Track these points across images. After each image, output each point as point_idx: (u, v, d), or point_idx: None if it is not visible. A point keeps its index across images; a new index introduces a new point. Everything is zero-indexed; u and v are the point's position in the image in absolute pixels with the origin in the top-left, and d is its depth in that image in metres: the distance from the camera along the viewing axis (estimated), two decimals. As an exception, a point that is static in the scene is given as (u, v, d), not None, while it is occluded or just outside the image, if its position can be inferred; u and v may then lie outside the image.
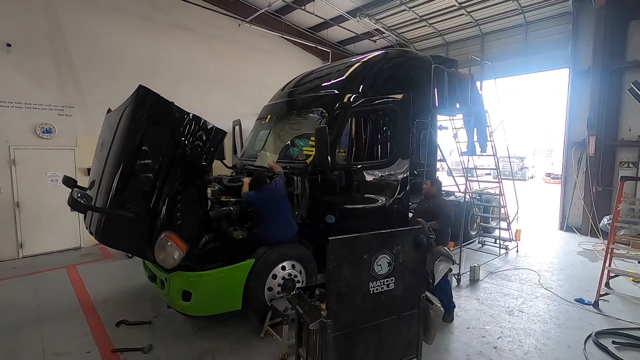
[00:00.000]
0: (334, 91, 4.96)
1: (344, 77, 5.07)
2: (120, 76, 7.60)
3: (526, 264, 6.52)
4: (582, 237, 8.35)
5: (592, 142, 8.18)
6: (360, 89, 4.88)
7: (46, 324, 4.28)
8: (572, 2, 8.38)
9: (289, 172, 4.56)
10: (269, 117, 5.83)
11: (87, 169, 6.35)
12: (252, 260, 3.89)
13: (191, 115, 3.65)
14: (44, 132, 6.92)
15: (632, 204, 7.35)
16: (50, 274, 5.97)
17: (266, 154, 5.37)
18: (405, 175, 4.97)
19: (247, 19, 9.36)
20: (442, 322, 3.04)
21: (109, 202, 3.32)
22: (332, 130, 4.50)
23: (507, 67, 9.79)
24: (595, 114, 8.12)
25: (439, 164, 6.88)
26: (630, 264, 5.83)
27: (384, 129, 5.10)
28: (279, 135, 5.51)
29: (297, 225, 4.33)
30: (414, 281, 2.85)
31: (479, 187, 8.56)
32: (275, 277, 4.03)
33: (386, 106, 4.98)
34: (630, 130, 7.92)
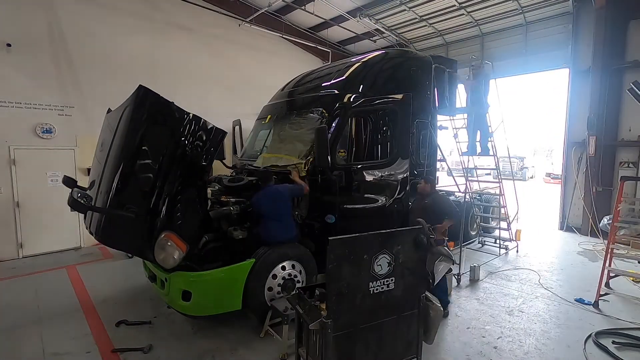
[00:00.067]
0: (334, 91, 4.96)
1: (344, 77, 5.07)
2: (120, 76, 7.60)
3: (526, 264, 6.52)
4: (582, 237, 8.35)
5: (592, 142, 8.18)
6: (360, 89, 4.88)
7: (46, 324, 4.28)
8: (572, 2, 8.38)
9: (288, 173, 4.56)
10: (269, 117, 5.83)
11: (87, 169, 6.35)
12: (252, 260, 3.90)
13: (191, 115, 3.65)
14: (44, 132, 6.92)
15: (632, 204, 7.35)
16: (50, 274, 5.98)
17: (285, 158, 4.96)
18: (405, 175, 4.97)
19: (247, 19, 9.36)
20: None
21: (109, 202, 3.32)
22: (332, 130, 4.50)
23: (507, 67, 9.80)
24: (595, 114, 8.12)
25: (439, 164, 6.87)
26: (630, 264, 5.83)
27: (384, 129, 5.10)
28: (279, 135, 5.51)
29: (297, 226, 4.34)
30: (414, 281, 2.85)
31: (479, 187, 8.57)
32: (275, 277, 4.04)
33: (386, 106, 4.98)
34: (630, 130, 7.92)
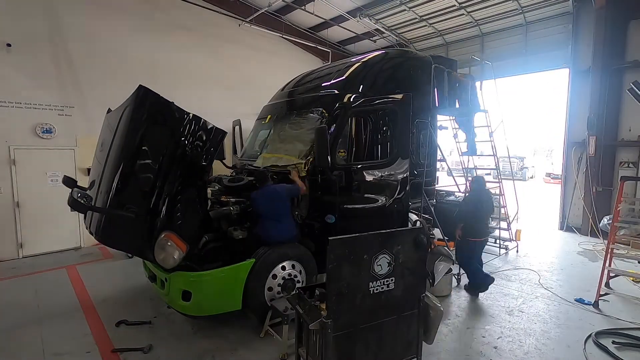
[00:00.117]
0: (334, 91, 4.96)
1: (344, 77, 5.06)
2: (120, 76, 7.61)
3: (526, 264, 6.52)
4: (582, 237, 8.35)
5: (592, 142, 8.18)
6: (360, 89, 4.87)
7: (46, 324, 4.28)
8: (572, 2, 8.38)
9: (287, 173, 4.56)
10: (269, 117, 5.83)
11: (87, 169, 6.35)
12: (252, 260, 3.90)
13: (191, 115, 3.65)
14: (44, 132, 6.92)
15: (632, 204, 7.35)
16: (50, 274, 5.98)
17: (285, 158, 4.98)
18: (405, 175, 4.97)
19: (247, 19, 9.36)
20: (440, 320, 3.03)
21: (109, 202, 3.32)
22: (332, 130, 4.50)
23: (507, 67, 9.79)
24: (595, 114, 8.12)
25: (439, 164, 6.88)
26: (630, 264, 5.84)
27: (384, 129, 5.10)
28: (279, 135, 5.51)
29: (296, 226, 4.34)
30: (414, 281, 2.85)
31: (479, 187, 8.56)
32: (275, 277, 4.03)
33: (386, 106, 4.98)
34: (630, 130, 7.93)
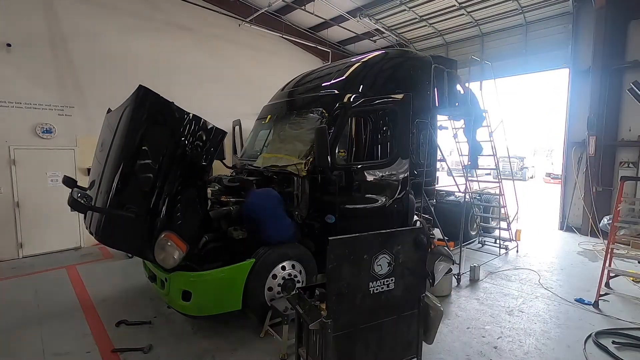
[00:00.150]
0: (334, 91, 4.96)
1: (344, 77, 5.06)
2: (120, 76, 7.60)
3: (526, 264, 6.52)
4: (582, 237, 8.35)
5: (592, 142, 8.18)
6: (360, 89, 4.87)
7: (46, 324, 4.28)
8: (572, 2, 8.38)
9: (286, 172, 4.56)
10: (269, 117, 5.83)
11: (87, 169, 6.35)
12: (252, 260, 3.89)
13: (191, 115, 3.65)
14: (44, 132, 6.92)
15: (632, 204, 7.35)
16: (50, 274, 5.98)
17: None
18: (405, 175, 4.97)
19: (247, 19, 9.36)
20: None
21: (109, 202, 3.32)
22: (332, 130, 4.50)
23: (507, 67, 9.80)
24: (595, 114, 8.12)
25: (439, 164, 6.88)
26: (630, 264, 5.84)
27: (384, 129, 5.09)
28: (279, 135, 5.51)
29: (295, 225, 4.33)
30: (414, 281, 2.85)
31: (479, 187, 8.57)
32: (275, 277, 4.03)
33: (386, 106, 4.98)
34: (630, 130, 7.92)
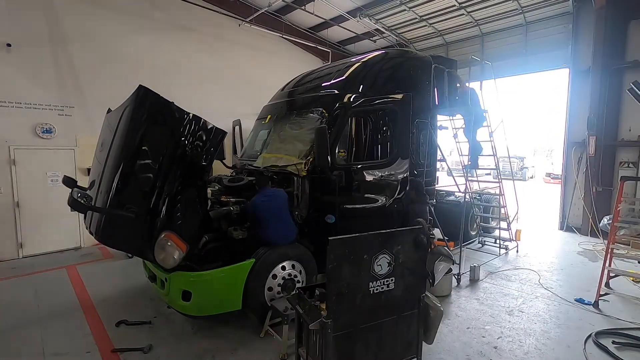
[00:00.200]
0: (334, 91, 4.96)
1: (344, 77, 5.06)
2: (120, 76, 7.60)
3: (526, 264, 6.52)
4: (582, 237, 8.35)
5: (592, 142, 8.18)
6: (360, 89, 4.87)
7: (46, 324, 4.28)
8: (572, 2, 8.38)
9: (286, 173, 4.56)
10: (269, 117, 5.83)
11: (87, 169, 6.35)
12: (252, 260, 3.90)
13: (191, 115, 3.65)
14: (44, 132, 6.92)
15: (632, 204, 7.35)
16: (50, 274, 5.97)
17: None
18: (405, 175, 4.97)
19: (247, 19, 9.36)
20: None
21: (109, 202, 3.32)
22: (332, 130, 4.50)
23: (507, 67, 9.80)
24: (595, 114, 8.12)
25: (439, 164, 6.87)
26: (630, 264, 5.84)
27: (384, 129, 5.10)
28: (279, 135, 5.51)
29: (295, 228, 4.33)
30: (414, 281, 2.85)
31: (479, 187, 8.57)
32: (275, 277, 4.03)
33: (386, 106, 4.98)
34: (630, 130, 7.92)
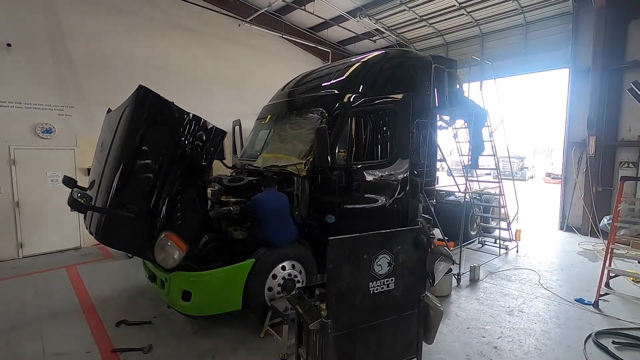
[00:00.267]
0: (334, 91, 4.96)
1: (344, 77, 5.06)
2: (120, 76, 7.61)
3: (526, 264, 6.52)
4: (582, 237, 8.34)
5: (592, 142, 8.18)
6: (360, 89, 4.87)
7: (46, 324, 4.28)
8: (572, 2, 8.37)
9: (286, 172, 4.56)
10: (269, 117, 5.83)
11: (87, 169, 6.36)
12: (252, 260, 3.90)
13: (191, 115, 3.65)
14: (44, 132, 6.92)
15: (632, 204, 7.35)
16: (50, 274, 5.97)
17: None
18: (405, 175, 4.97)
19: (247, 19, 9.36)
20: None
21: (109, 202, 3.32)
22: (332, 130, 4.50)
23: (507, 67, 9.79)
24: (595, 114, 8.12)
25: (439, 164, 6.88)
26: (630, 264, 5.84)
27: (384, 129, 5.10)
28: (279, 135, 5.51)
29: (295, 228, 4.33)
30: (414, 281, 2.85)
31: (479, 187, 8.57)
32: (275, 277, 4.03)
33: (386, 106, 4.98)
34: (630, 130, 7.92)
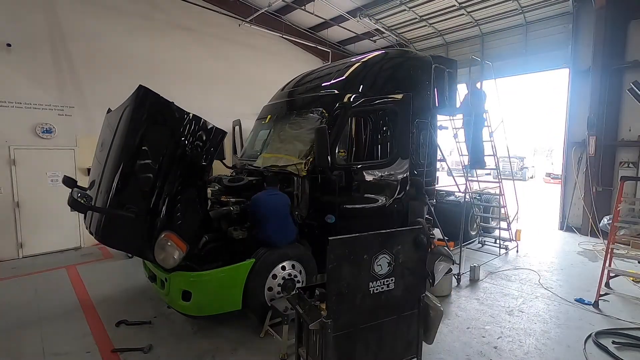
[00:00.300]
0: (334, 91, 4.96)
1: (344, 77, 5.06)
2: (120, 76, 7.60)
3: (526, 264, 6.52)
4: (582, 237, 8.35)
5: (592, 142, 8.18)
6: (360, 89, 4.87)
7: (46, 324, 4.28)
8: (572, 2, 8.37)
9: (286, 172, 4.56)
10: (269, 117, 5.83)
11: (87, 169, 6.36)
12: (252, 260, 3.90)
13: (191, 115, 3.65)
14: (44, 132, 6.92)
15: (632, 204, 7.35)
16: (50, 274, 5.97)
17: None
18: (405, 175, 4.97)
19: (247, 19, 9.36)
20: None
21: (109, 202, 3.32)
22: (332, 130, 4.50)
23: (507, 67, 9.79)
24: (595, 114, 8.12)
25: (439, 164, 6.88)
26: (630, 264, 5.84)
27: (384, 128, 5.09)
28: (279, 135, 5.51)
29: (295, 228, 4.33)
30: (414, 281, 2.85)
31: (479, 187, 8.57)
32: (275, 277, 4.03)
33: (386, 106, 4.97)
34: (630, 130, 7.92)
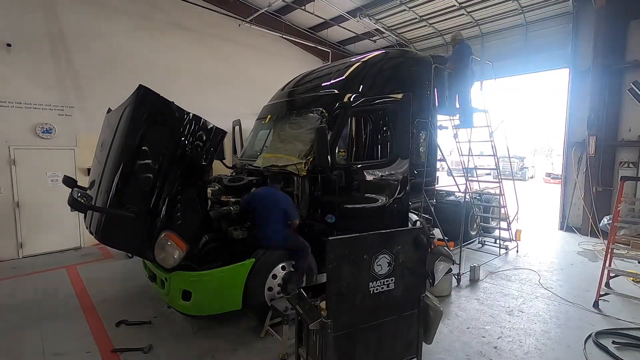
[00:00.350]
0: (333, 91, 4.97)
1: (343, 77, 5.07)
2: (120, 76, 7.61)
3: (526, 264, 6.52)
4: (582, 237, 8.34)
5: (592, 142, 8.18)
6: (360, 89, 4.88)
7: (46, 324, 4.27)
8: (572, 2, 8.37)
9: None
10: (269, 117, 5.83)
11: (87, 169, 6.35)
12: (252, 260, 3.90)
13: (191, 115, 3.65)
14: (44, 132, 6.91)
15: (632, 204, 7.36)
16: (50, 274, 5.97)
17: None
18: (405, 175, 4.97)
19: (247, 19, 9.36)
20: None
21: (109, 202, 3.32)
22: (332, 130, 4.50)
23: (507, 67, 9.78)
24: (595, 114, 8.12)
25: (439, 164, 6.88)
26: (630, 264, 5.83)
27: (384, 128, 5.09)
28: (279, 135, 5.51)
29: (284, 233, 4.25)
30: (414, 281, 2.85)
31: (479, 187, 8.57)
32: (275, 277, 4.04)
33: (386, 106, 4.98)
34: (630, 130, 7.92)
